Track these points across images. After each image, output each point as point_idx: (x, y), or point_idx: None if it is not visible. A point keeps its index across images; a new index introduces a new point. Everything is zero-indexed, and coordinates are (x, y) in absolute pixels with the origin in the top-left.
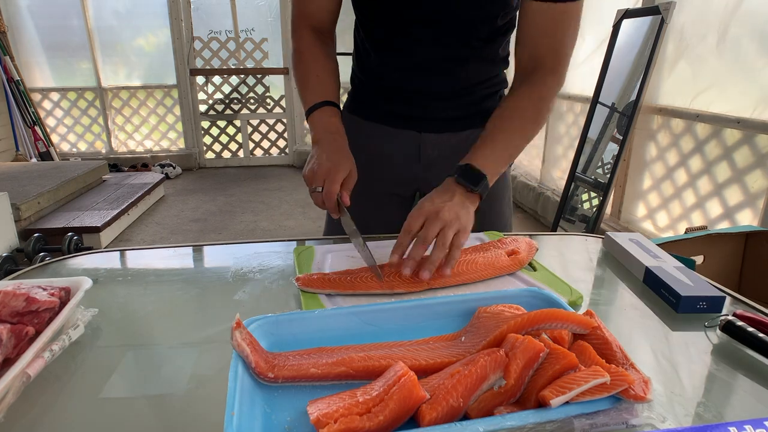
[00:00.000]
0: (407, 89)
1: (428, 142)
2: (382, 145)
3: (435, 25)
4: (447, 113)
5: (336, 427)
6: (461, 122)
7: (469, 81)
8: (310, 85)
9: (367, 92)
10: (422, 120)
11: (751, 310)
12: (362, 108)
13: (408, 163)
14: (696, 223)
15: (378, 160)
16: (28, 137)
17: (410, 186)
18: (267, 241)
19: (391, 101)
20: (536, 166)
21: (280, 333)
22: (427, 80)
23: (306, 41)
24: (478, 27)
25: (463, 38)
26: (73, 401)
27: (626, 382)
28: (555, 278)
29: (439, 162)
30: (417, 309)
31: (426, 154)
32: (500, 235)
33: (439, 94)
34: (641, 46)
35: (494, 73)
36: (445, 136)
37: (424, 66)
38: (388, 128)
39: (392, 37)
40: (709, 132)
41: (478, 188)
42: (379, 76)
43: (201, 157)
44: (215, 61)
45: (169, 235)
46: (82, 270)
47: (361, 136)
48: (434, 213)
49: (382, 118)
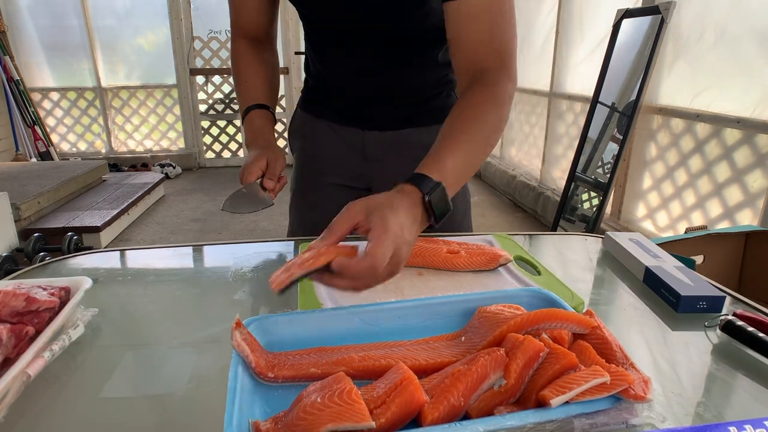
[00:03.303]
0: (349, 92)
1: (372, 140)
2: (329, 141)
3: (365, 34)
4: (390, 114)
5: None
6: (406, 121)
7: (409, 84)
8: (241, 91)
9: (314, 92)
10: (365, 119)
11: (751, 309)
12: (311, 106)
13: (354, 159)
14: (696, 223)
15: (327, 154)
16: (28, 137)
17: (360, 180)
18: (267, 241)
19: (335, 101)
20: (536, 165)
21: (279, 333)
22: (367, 85)
23: (238, 49)
24: (407, 34)
25: (396, 46)
26: (73, 401)
27: (626, 382)
28: (558, 283)
29: (385, 159)
30: (417, 309)
31: (371, 152)
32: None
33: (380, 97)
34: (641, 45)
35: (438, 76)
36: (389, 134)
37: (362, 72)
38: (335, 125)
39: (330, 44)
40: (709, 132)
41: (439, 220)
42: (322, 79)
43: (201, 156)
44: (215, 60)
45: (169, 235)
46: (82, 270)
47: (311, 131)
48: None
49: (328, 115)
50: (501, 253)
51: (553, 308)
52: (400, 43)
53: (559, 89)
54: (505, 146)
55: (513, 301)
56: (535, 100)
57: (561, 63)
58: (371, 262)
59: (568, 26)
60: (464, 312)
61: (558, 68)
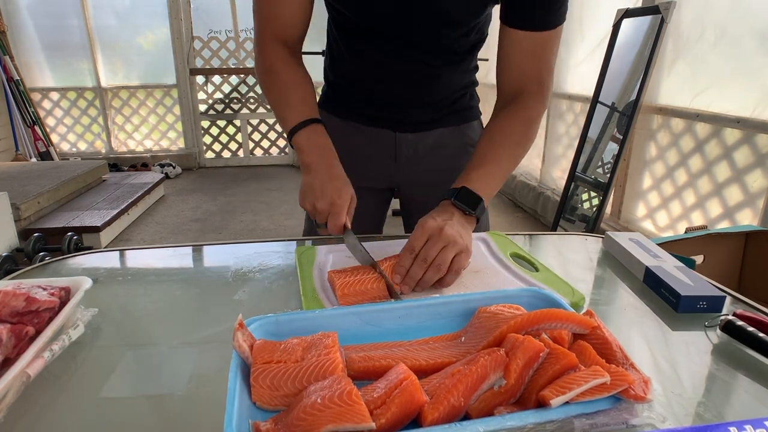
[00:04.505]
0: (381, 96)
1: (404, 141)
2: (357, 143)
3: (410, 43)
4: (421, 116)
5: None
6: (436, 123)
7: (441, 90)
8: (292, 104)
9: (341, 92)
10: (397, 122)
11: (751, 309)
12: (337, 106)
13: (384, 160)
14: (696, 222)
15: (354, 156)
16: (28, 137)
17: (386, 181)
18: (267, 241)
19: (365, 104)
20: (536, 165)
21: (280, 333)
22: (400, 90)
23: (279, 57)
24: (447, 42)
25: (437, 54)
26: (73, 401)
27: (626, 382)
28: (557, 279)
29: (414, 160)
30: (417, 309)
31: (402, 153)
32: (504, 236)
33: (412, 101)
34: (641, 45)
35: (466, 81)
36: (421, 135)
37: (397, 77)
38: (364, 127)
39: (367, 48)
40: (709, 131)
41: (475, 212)
42: (353, 81)
43: (201, 156)
44: (215, 60)
45: (169, 235)
46: (82, 270)
47: (336, 132)
48: (437, 231)
49: (357, 117)
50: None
51: (553, 308)
52: (442, 51)
53: (559, 89)
54: None
55: (513, 301)
56: None
57: (561, 63)
58: (407, 246)
59: (568, 26)
60: (464, 312)
61: (558, 68)
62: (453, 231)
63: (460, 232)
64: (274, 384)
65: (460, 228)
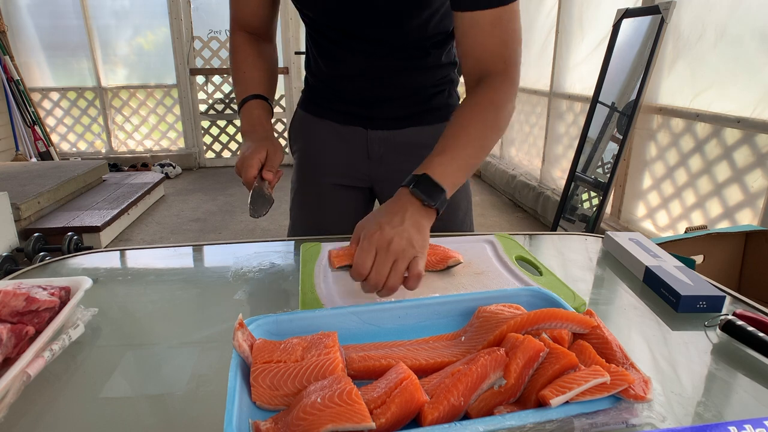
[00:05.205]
0: (353, 92)
1: (375, 138)
2: (331, 141)
3: (371, 37)
4: (393, 113)
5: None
6: (408, 120)
7: (411, 86)
8: (239, 82)
9: (316, 92)
10: (369, 118)
11: (751, 309)
12: (312, 106)
13: (357, 158)
14: (696, 222)
15: (331, 154)
16: (28, 137)
17: (364, 179)
18: (267, 241)
19: (338, 101)
20: (536, 165)
21: (280, 332)
22: (370, 87)
23: (237, 41)
24: (412, 36)
25: (402, 48)
26: (73, 401)
27: (626, 382)
28: (560, 283)
29: (387, 158)
30: (417, 309)
31: (374, 150)
32: (511, 238)
33: (384, 97)
34: (641, 45)
35: (441, 75)
36: (393, 133)
37: (366, 74)
38: (337, 125)
39: (334, 47)
40: (709, 131)
41: (435, 203)
42: (324, 79)
43: (201, 156)
44: (215, 60)
45: (169, 235)
46: (82, 270)
47: (312, 131)
48: (384, 245)
49: (330, 115)
50: (452, 255)
51: (553, 308)
52: (406, 45)
53: (559, 89)
54: (505, 146)
55: (513, 300)
56: (535, 100)
57: (561, 63)
58: (354, 269)
59: (568, 26)
60: (464, 312)
61: (558, 68)
62: (402, 241)
63: (412, 237)
64: (274, 383)
65: (413, 231)
